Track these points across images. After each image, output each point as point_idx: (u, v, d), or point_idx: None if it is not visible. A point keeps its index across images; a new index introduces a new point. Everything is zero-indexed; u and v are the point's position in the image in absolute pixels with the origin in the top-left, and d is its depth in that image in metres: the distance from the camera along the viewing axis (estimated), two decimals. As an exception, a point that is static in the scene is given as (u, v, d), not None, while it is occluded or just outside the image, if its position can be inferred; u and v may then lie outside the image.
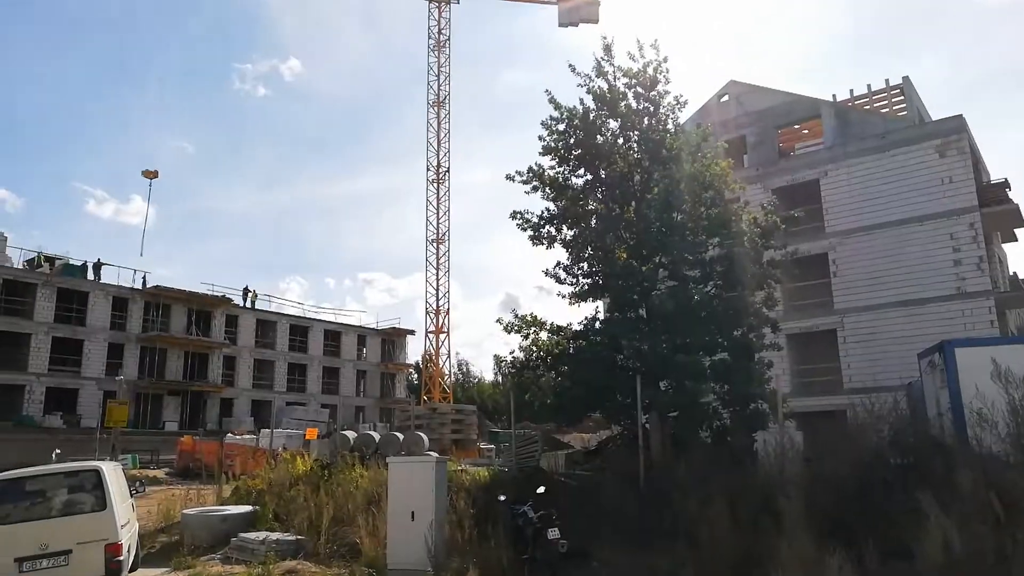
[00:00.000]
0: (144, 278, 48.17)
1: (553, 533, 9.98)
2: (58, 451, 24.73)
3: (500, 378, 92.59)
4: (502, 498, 11.39)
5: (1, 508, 8.78)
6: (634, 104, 15.09)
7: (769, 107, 29.98)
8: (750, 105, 30.38)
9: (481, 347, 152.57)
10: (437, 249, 44.84)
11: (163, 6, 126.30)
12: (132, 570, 10.08)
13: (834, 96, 30.93)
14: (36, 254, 45.10)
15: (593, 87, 14.97)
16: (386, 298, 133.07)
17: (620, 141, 15.26)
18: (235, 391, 51.09)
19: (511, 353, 15.30)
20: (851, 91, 31.30)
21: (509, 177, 15.02)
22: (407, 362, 65.61)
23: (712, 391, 13.92)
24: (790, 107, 29.85)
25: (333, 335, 59.34)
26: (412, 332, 64.10)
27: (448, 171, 45.62)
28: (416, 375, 76.49)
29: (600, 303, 16.93)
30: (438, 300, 44.49)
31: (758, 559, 8.34)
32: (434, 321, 44.52)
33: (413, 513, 10.85)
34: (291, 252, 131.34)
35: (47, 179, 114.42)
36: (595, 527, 10.84)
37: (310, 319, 58.42)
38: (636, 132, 15.17)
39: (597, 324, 15.04)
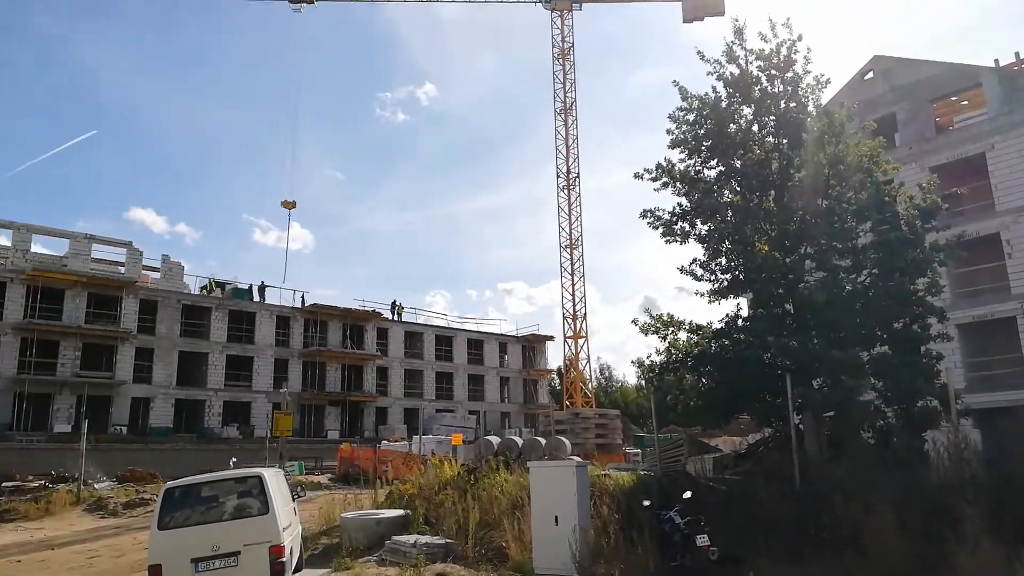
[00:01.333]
0: (303, 297, 51.75)
1: (702, 539, 9.59)
2: (234, 459, 26.83)
3: (643, 382, 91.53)
4: (647, 503, 11.09)
5: (180, 512, 9.53)
6: (769, 87, 14.30)
7: (920, 80, 27.52)
8: (898, 80, 28.04)
9: (622, 351, 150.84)
10: (571, 255, 44.83)
11: (309, 44, 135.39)
12: (296, 571, 10.67)
13: (996, 61, 27.81)
14: (208, 280, 49.56)
15: (724, 73, 14.34)
16: (525, 306, 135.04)
17: (755, 128, 14.52)
18: (388, 400, 53.57)
19: (649, 356, 14.90)
20: (1016, 54, 28.01)
21: (637, 175, 14.67)
22: (548, 368, 66.02)
23: (872, 388, 12.86)
24: (945, 77, 27.24)
25: (476, 344, 60.84)
26: (551, 338, 64.50)
27: (578, 176, 45.59)
28: (558, 380, 76.87)
29: (742, 299, 16.15)
30: (575, 305, 44.43)
31: (932, 568, 7.56)
32: (572, 326, 44.49)
33: (556, 518, 10.79)
34: (434, 266, 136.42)
35: (220, 213, 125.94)
36: (747, 533, 10.31)
37: (454, 329, 60.24)
38: (772, 117, 14.35)
39: (740, 321, 14.33)
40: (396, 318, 56.80)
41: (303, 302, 51.47)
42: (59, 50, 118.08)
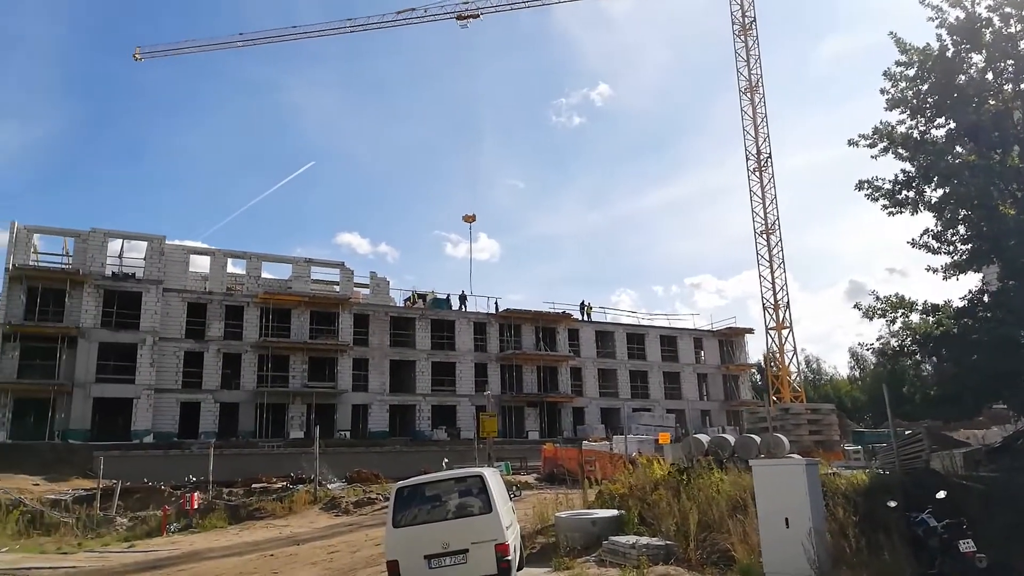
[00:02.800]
0: (496, 303, 53.52)
1: (967, 545, 8.43)
2: (446, 460, 28.21)
3: (858, 372, 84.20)
4: (893, 504, 9.97)
5: (409, 511, 9.99)
6: (1003, 28, 12.41)
7: None
8: None
9: (828, 342, 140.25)
10: (768, 241, 42.29)
11: (486, 62, 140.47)
12: (518, 569, 10.82)
13: None
14: (411, 292, 52.80)
15: (946, 19, 12.66)
16: (716, 300, 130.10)
17: (989, 76, 12.67)
18: (584, 400, 53.78)
19: (877, 340, 13.44)
20: None
21: (852, 142, 13.33)
22: (748, 362, 62.88)
23: None
24: None
25: (669, 340, 59.39)
26: (751, 331, 61.44)
27: (770, 157, 42.97)
28: (759, 375, 72.93)
29: (979, 273, 14.11)
30: (775, 294, 41.82)
31: None
32: (773, 317, 41.91)
33: (787, 520, 10.01)
34: (619, 265, 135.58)
35: (415, 232, 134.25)
36: (1016, 538, 8.94)
37: (645, 326, 59.26)
38: (1010, 61, 12.45)
39: (986, 297, 12.54)
40: (586, 318, 56.93)
41: (497, 308, 53.21)
42: (267, 94, 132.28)
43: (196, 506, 24.42)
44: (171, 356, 41.75)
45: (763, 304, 42.22)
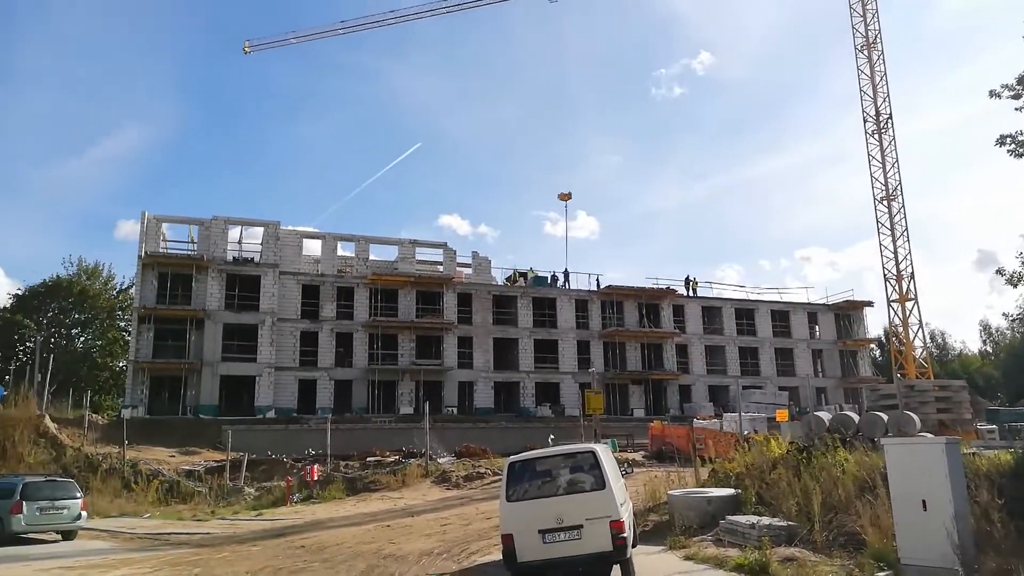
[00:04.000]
0: (598, 280, 52.97)
1: None
2: (552, 437, 28.27)
3: (990, 347, 78.20)
4: (1046, 487, 9.09)
5: (521, 485, 9.95)
6: None
7: None
8: None
9: (955, 316, 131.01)
10: (889, 208, 39.64)
11: (582, 37, 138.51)
12: (632, 547, 10.62)
13: None
14: (512, 271, 53.06)
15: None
16: (828, 273, 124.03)
17: None
18: (691, 377, 52.59)
19: (1016, 310, 12.24)
20: None
21: (994, 93, 12.15)
22: (867, 337, 59.55)
23: None
24: None
25: (781, 315, 57.07)
26: (870, 304, 58.22)
27: (890, 118, 40.13)
28: (879, 351, 69.02)
29: None
30: (897, 265, 39.20)
31: None
32: (896, 289, 39.36)
33: (924, 502, 9.31)
34: (723, 239, 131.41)
35: (514, 212, 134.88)
36: None
37: (754, 301, 57.15)
38: None
39: None
40: (691, 294, 55.48)
41: (598, 285, 52.67)
42: (372, 80, 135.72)
43: (316, 478, 25.62)
44: (288, 336, 43.85)
45: (884, 275, 39.74)
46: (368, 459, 29.57)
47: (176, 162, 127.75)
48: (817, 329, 58.27)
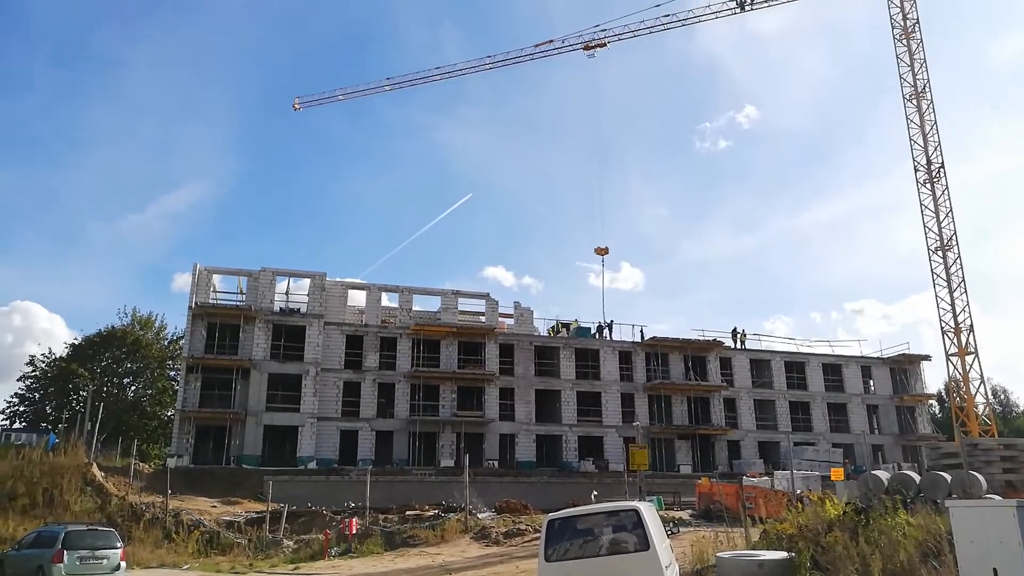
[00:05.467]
0: (642, 332, 52.21)
1: None
2: (595, 493, 27.48)
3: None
4: None
5: (560, 545, 9.54)
6: None
7: None
8: None
9: (1018, 370, 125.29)
10: (944, 258, 38.37)
11: (625, 92, 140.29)
12: (679, 611, 10.05)
13: None
14: (554, 321, 52.71)
15: None
16: (882, 326, 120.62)
17: None
18: (740, 433, 50.99)
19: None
20: None
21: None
22: (926, 392, 57.18)
23: None
24: None
25: (833, 369, 55.26)
26: (927, 358, 55.99)
27: (942, 167, 39.19)
28: (939, 407, 66.14)
29: None
30: (955, 317, 37.70)
31: None
32: (954, 342, 37.77)
33: (995, 571, 8.63)
34: (772, 290, 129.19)
35: (558, 263, 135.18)
36: None
37: (805, 354, 55.50)
38: None
39: None
40: (739, 346, 54.22)
41: (642, 336, 51.90)
42: (421, 135, 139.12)
43: (355, 531, 25.27)
44: (332, 386, 44.05)
45: (941, 328, 38.21)
46: (407, 513, 29.13)
47: (231, 216, 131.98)
48: (872, 384, 56.19)
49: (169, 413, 50.22)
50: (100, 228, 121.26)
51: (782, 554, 12.94)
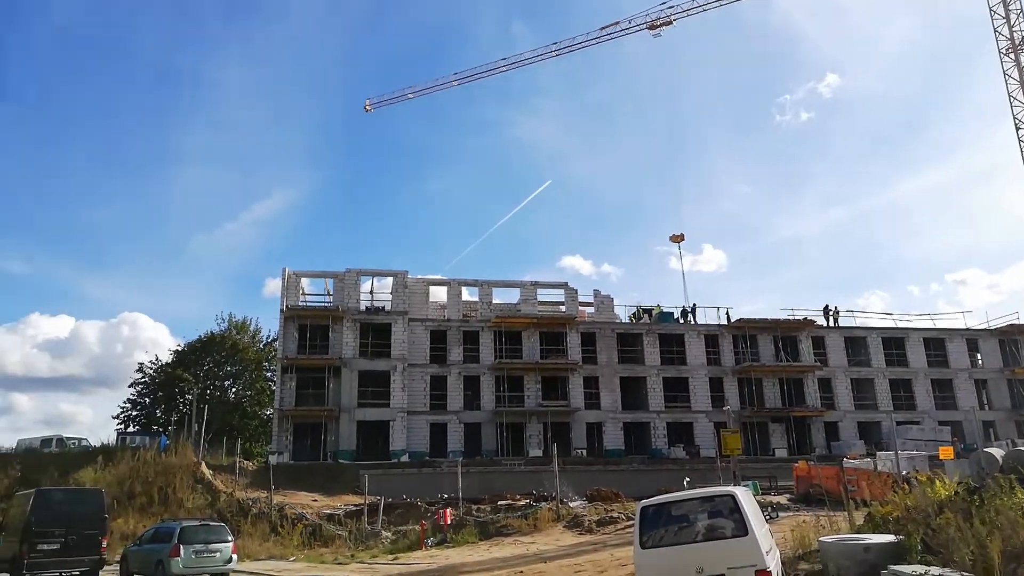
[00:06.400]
0: (727, 314, 50.98)
1: None
2: (688, 479, 27.04)
3: None
4: None
5: (655, 531, 9.42)
6: None
7: None
8: None
9: None
10: (1056, 218, 35.83)
11: (699, 69, 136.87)
12: (782, 598, 9.78)
13: None
14: (635, 308, 52.11)
15: None
16: (988, 296, 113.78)
17: None
18: (837, 413, 49.14)
19: None
20: None
21: None
22: (1042, 364, 53.51)
23: None
24: None
25: (935, 343, 52.47)
26: (1042, 327, 52.36)
27: (1049, 122, 36.57)
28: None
29: None
30: (1072, 280, 35.14)
31: None
32: (1072, 308, 35.18)
33: None
34: (866, 265, 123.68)
35: (637, 249, 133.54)
36: None
37: (903, 329, 52.93)
38: None
39: None
40: (832, 324, 52.17)
41: (728, 319, 50.67)
42: (495, 130, 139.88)
43: (449, 522, 25.77)
44: (419, 380, 44.99)
45: (1056, 294, 35.69)
46: (499, 503, 29.48)
47: (315, 220, 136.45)
48: (979, 357, 53.06)
49: (268, 412, 52.43)
50: (196, 240, 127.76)
51: (889, 537, 12.42)
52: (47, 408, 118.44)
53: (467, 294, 49.40)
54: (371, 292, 48.05)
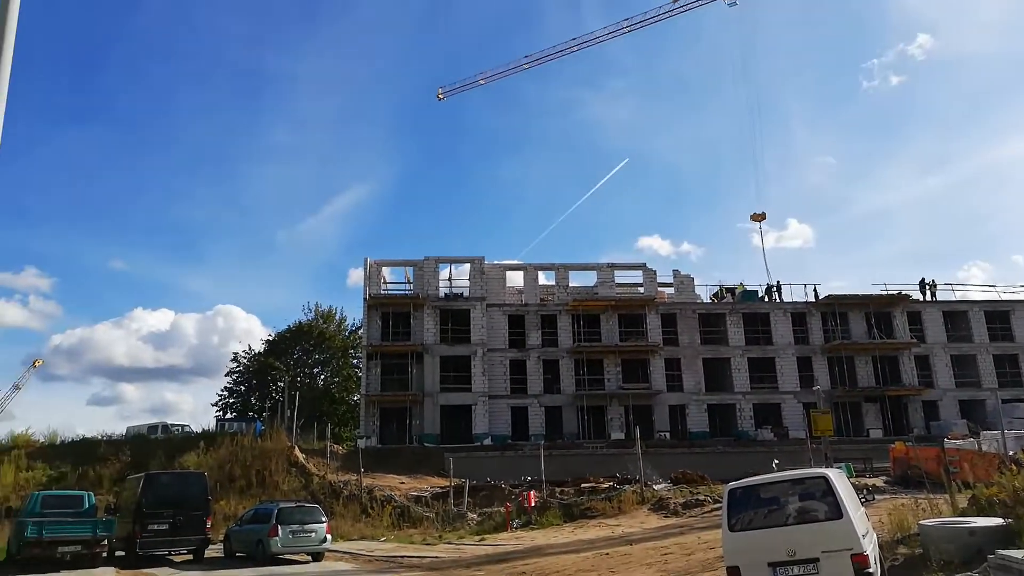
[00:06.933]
0: (815, 290, 49.21)
1: None
2: (776, 461, 26.37)
3: None
4: None
5: (744, 514, 9.24)
6: None
7: None
8: None
9: None
10: None
11: (778, 37, 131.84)
12: (879, 583, 9.41)
13: None
14: (717, 287, 50.96)
15: None
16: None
17: None
18: (936, 392, 46.80)
19: None
20: None
21: None
22: None
23: None
24: None
25: (1047, 315, 49.14)
26: None
27: None
28: None
29: None
30: None
31: None
32: None
33: None
34: (965, 235, 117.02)
35: (718, 227, 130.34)
36: None
37: (1009, 302, 49.88)
38: None
39: None
40: (929, 298, 49.60)
41: (816, 295, 48.91)
42: (572, 111, 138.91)
43: (533, 504, 25.99)
44: (498, 365, 45.44)
45: None
46: (582, 485, 29.53)
47: (393, 210, 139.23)
48: (1094, 330, 49.41)
49: (355, 398, 54.09)
50: (281, 234, 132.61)
51: (996, 520, 11.76)
52: (152, 397, 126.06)
53: (544, 278, 49.45)
54: (449, 279, 48.77)
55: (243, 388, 59.24)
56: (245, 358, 59.35)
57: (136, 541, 18.48)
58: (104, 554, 17.96)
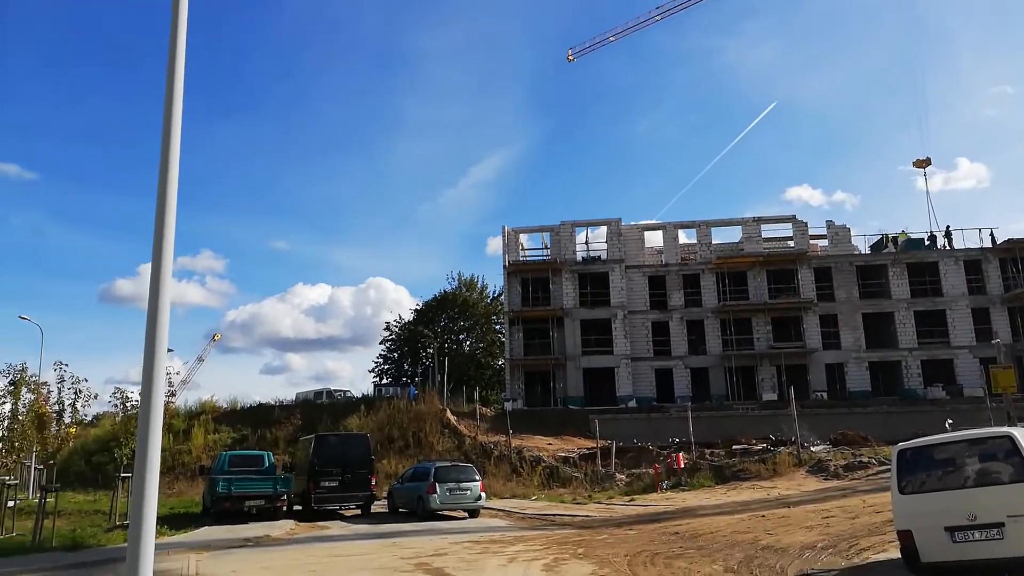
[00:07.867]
0: (992, 235, 44.67)
1: None
2: (950, 421, 24.37)
3: None
4: None
5: (916, 476, 8.67)
6: None
7: None
8: None
9: None
10: None
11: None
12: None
13: None
14: (880, 235, 47.39)
15: None
16: None
17: None
18: None
19: None
20: None
21: None
22: None
23: None
24: None
25: None
26: None
27: None
28: None
29: None
30: None
31: None
32: None
33: None
34: None
35: (876, 173, 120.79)
36: None
37: None
38: None
39: None
40: None
41: (993, 241, 44.35)
42: (709, 61, 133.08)
43: (682, 465, 25.70)
44: (640, 327, 44.94)
45: None
46: (734, 447, 28.80)
47: (529, 177, 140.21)
48: None
49: (499, 363, 55.53)
50: (422, 207, 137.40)
51: None
52: (316, 365, 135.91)
53: (684, 236, 48.09)
54: (586, 242, 48.59)
55: (396, 355, 62.47)
56: (396, 327, 62.46)
57: (311, 496, 20.15)
58: (284, 508, 19.74)
